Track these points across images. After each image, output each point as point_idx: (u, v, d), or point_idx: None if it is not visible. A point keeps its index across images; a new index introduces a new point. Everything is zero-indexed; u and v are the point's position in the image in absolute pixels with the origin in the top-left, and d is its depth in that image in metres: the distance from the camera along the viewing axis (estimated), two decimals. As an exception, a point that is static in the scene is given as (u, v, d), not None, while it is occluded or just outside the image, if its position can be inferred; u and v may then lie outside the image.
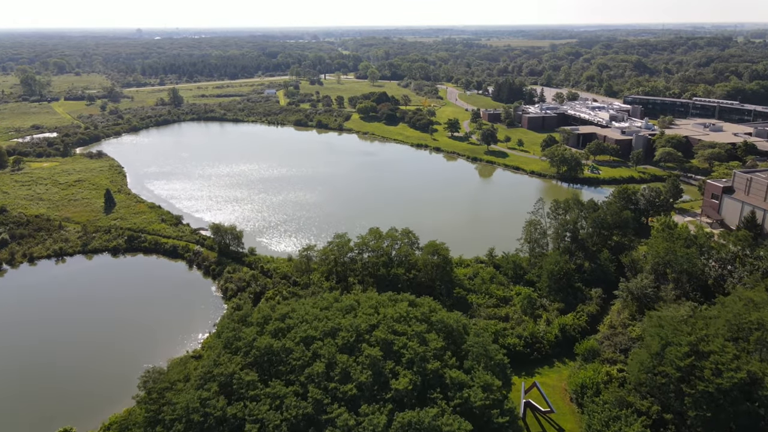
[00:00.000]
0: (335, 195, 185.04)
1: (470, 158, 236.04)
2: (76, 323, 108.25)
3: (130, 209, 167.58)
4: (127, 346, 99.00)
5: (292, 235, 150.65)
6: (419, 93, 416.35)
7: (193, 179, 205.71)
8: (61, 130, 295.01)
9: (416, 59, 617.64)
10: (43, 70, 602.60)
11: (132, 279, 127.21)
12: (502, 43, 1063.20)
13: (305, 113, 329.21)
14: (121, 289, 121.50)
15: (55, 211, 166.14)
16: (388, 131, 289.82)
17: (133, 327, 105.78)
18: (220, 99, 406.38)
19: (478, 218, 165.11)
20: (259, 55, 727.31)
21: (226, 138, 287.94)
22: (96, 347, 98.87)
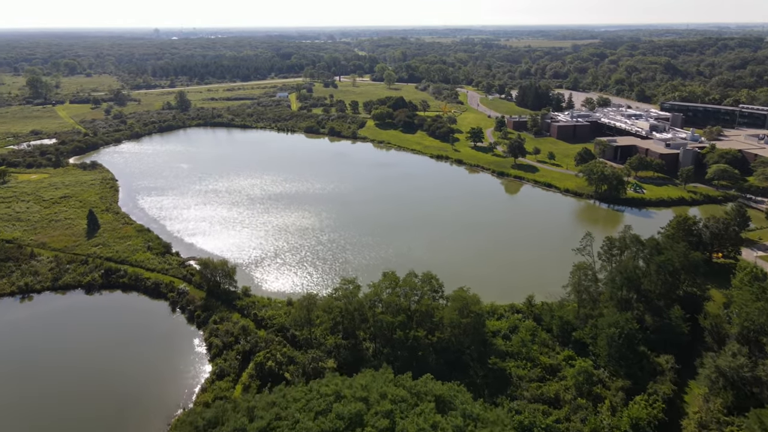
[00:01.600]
0: (344, 218, 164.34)
1: (496, 172, 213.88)
2: (20, 383, 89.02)
3: (115, 233, 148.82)
4: (74, 423, 79.45)
5: (293, 270, 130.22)
6: (438, 97, 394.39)
7: (189, 196, 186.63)
8: (60, 136, 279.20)
9: (434, 61, 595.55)
10: (54, 71, 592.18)
11: (103, 325, 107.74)
12: (522, 43, 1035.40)
13: (317, 119, 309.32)
14: (87, 339, 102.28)
15: (31, 234, 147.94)
16: (406, 140, 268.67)
17: (90, 395, 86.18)
18: (230, 102, 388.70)
19: (509, 248, 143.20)
20: (273, 56, 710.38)
21: (231, 147, 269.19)
22: (32, 419, 79.53)
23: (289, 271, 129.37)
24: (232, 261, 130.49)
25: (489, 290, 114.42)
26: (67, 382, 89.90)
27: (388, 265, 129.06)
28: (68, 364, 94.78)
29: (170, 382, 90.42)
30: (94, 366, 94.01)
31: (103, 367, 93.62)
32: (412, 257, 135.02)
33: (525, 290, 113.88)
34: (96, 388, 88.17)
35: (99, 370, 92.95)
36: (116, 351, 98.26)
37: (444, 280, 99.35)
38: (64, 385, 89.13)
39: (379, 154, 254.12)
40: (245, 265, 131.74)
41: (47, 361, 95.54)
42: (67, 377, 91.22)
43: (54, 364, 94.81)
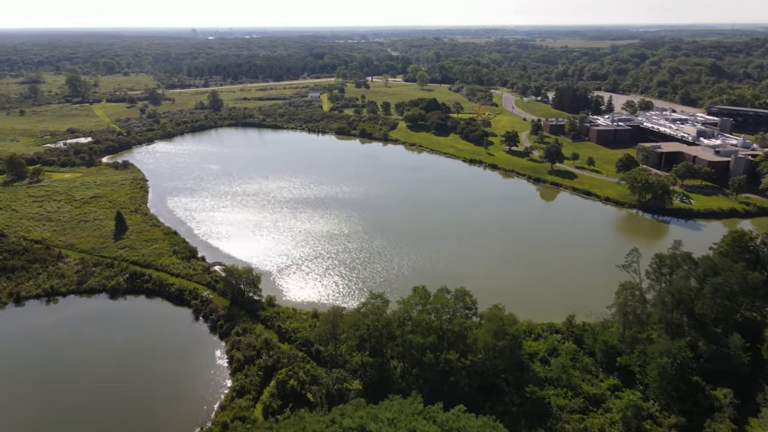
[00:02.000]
0: (373, 224, 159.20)
1: (531, 178, 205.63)
2: (37, 391, 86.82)
3: (142, 235, 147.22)
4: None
5: (319, 279, 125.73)
6: (472, 99, 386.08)
7: (217, 198, 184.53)
8: (95, 134, 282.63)
9: (468, 61, 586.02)
10: (94, 70, 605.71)
11: (125, 332, 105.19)
12: (558, 44, 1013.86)
13: (348, 120, 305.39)
14: (110, 347, 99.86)
15: (60, 234, 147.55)
16: (438, 143, 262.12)
17: (106, 407, 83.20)
18: (262, 102, 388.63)
19: (545, 260, 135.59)
20: (306, 56, 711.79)
21: (261, 148, 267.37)
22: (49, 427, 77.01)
23: (315, 280, 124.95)
24: (257, 268, 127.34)
25: (524, 306, 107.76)
26: (83, 392, 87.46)
27: (417, 275, 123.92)
28: (86, 373, 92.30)
29: (190, 396, 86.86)
30: (112, 376, 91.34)
31: (122, 378, 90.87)
32: (442, 268, 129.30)
33: (563, 307, 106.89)
34: (114, 401, 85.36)
35: (117, 380, 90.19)
36: (136, 360, 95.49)
37: (476, 294, 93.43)
38: (80, 395, 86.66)
39: (411, 157, 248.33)
40: (271, 273, 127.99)
41: (64, 369, 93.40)
42: (84, 386, 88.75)
43: (71, 372, 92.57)
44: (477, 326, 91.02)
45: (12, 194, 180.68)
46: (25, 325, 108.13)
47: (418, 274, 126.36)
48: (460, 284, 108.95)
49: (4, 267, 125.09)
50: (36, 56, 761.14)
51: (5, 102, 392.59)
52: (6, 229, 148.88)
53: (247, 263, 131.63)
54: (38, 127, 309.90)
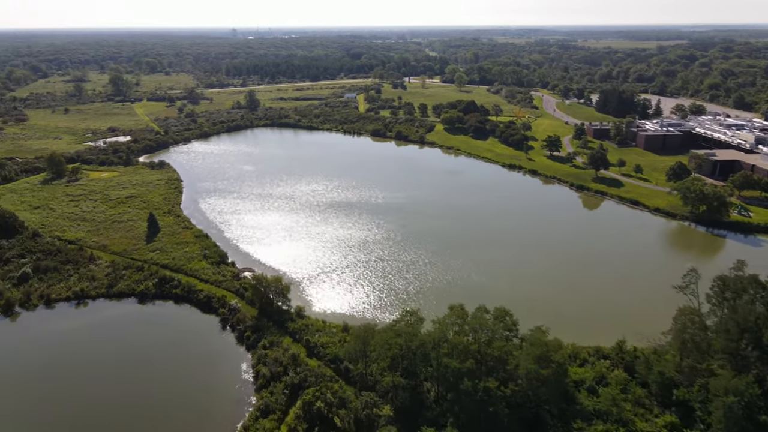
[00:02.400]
0: (406, 231, 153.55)
1: (574, 186, 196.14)
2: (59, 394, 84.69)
3: (173, 237, 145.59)
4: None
5: (350, 288, 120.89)
6: (511, 101, 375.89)
7: (249, 200, 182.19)
8: (134, 133, 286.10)
9: (508, 62, 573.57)
10: (136, 69, 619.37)
11: (151, 340, 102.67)
12: (600, 44, 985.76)
13: (384, 122, 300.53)
14: (135, 354, 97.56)
15: (94, 235, 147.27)
16: (476, 146, 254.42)
17: (129, 416, 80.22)
18: (298, 102, 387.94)
19: (590, 275, 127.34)
20: (343, 56, 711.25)
21: (295, 149, 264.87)
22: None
23: (345, 290, 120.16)
24: (287, 275, 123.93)
25: (567, 327, 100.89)
26: (104, 398, 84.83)
27: (452, 288, 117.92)
28: (109, 379, 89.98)
29: (212, 412, 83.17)
30: (136, 385, 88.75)
31: (146, 389, 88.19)
32: (477, 280, 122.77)
33: (610, 329, 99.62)
34: (136, 410, 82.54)
35: (141, 391, 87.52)
36: (161, 371, 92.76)
37: (515, 311, 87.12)
38: (101, 401, 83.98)
39: (447, 160, 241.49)
40: (300, 281, 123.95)
41: (86, 375, 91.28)
42: (106, 393, 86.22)
43: (93, 378, 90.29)
44: (518, 348, 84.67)
45: (51, 192, 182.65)
46: (53, 328, 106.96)
47: (452, 286, 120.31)
48: (496, 299, 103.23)
49: (38, 267, 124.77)
50: (83, 55, 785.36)
51: (51, 100, 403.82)
52: (42, 228, 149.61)
53: (277, 270, 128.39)
54: (81, 125, 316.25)
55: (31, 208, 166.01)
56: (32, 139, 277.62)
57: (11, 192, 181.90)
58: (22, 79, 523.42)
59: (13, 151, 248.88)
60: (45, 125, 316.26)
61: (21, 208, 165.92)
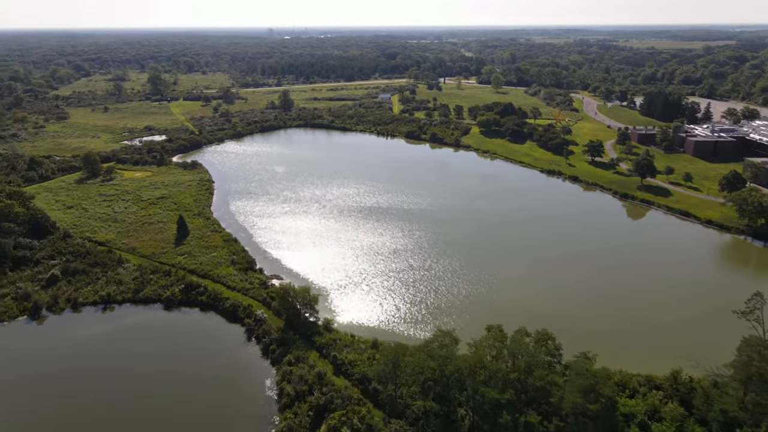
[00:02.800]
0: (440, 239, 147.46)
1: (618, 194, 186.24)
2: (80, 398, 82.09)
3: (202, 241, 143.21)
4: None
5: (380, 300, 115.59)
6: (550, 103, 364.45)
7: (280, 203, 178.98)
8: (169, 133, 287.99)
9: (546, 63, 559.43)
10: (175, 68, 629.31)
11: (176, 349, 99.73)
12: (643, 44, 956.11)
13: (419, 124, 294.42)
14: (159, 364, 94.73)
15: (124, 236, 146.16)
16: (513, 150, 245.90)
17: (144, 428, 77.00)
18: (332, 103, 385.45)
19: (636, 293, 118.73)
20: (378, 56, 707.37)
21: (328, 150, 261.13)
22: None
23: (375, 302, 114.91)
24: (315, 285, 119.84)
25: (614, 350, 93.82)
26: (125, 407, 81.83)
27: (486, 304, 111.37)
28: (132, 389, 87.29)
29: (234, 430, 79.13)
30: (158, 395, 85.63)
31: (167, 399, 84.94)
32: (514, 296, 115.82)
33: (662, 355, 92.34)
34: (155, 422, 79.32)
35: (162, 400, 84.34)
36: (185, 382, 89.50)
37: (555, 331, 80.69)
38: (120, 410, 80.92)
39: (483, 165, 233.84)
40: (329, 290, 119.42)
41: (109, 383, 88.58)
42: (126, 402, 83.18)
43: (115, 387, 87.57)
44: (562, 376, 78.00)
45: (85, 192, 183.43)
46: (79, 334, 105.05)
47: (487, 302, 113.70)
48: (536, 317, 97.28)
49: (67, 270, 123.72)
50: (124, 54, 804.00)
51: (92, 99, 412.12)
52: (74, 228, 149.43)
53: (305, 279, 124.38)
54: (119, 123, 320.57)
55: (64, 208, 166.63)
56: (71, 137, 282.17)
57: (47, 191, 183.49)
58: (66, 77, 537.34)
59: (52, 149, 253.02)
60: (84, 123, 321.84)
61: (55, 207, 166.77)
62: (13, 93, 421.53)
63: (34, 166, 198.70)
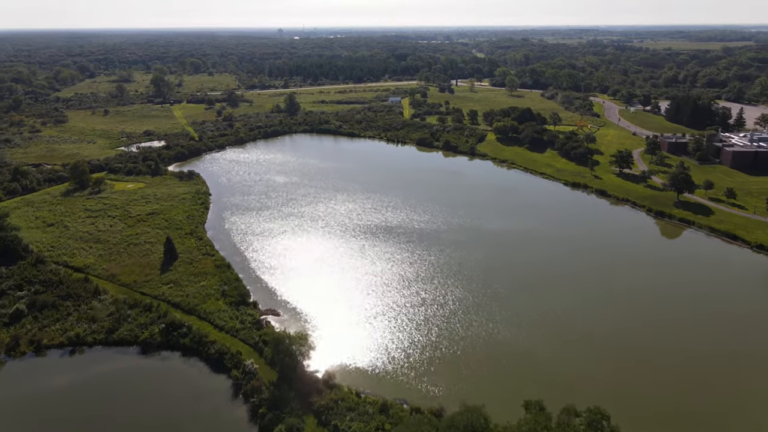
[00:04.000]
0: (453, 264, 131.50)
1: (652, 211, 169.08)
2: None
3: (192, 266, 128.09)
4: None
5: (388, 344, 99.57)
6: (568, 107, 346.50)
7: (279, 219, 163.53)
8: (169, 138, 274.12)
9: (562, 65, 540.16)
10: (181, 69, 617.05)
11: (149, 405, 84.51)
12: (659, 45, 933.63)
13: (431, 130, 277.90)
14: (125, 425, 79.37)
15: (105, 261, 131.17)
16: (533, 160, 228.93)
17: None
18: (340, 106, 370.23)
19: (690, 339, 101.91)
20: (388, 57, 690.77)
21: (334, 158, 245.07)
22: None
23: (383, 347, 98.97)
24: (314, 321, 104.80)
25: (674, 421, 76.78)
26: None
27: (514, 359, 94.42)
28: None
29: None
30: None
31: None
32: (547, 349, 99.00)
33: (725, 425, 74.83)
34: None
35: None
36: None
37: (607, 400, 65.74)
38: None
39: (500, 175, 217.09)
40: (330, 330, 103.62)
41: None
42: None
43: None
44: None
45: (69, 206, 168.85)
46: (39, 385, 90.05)
47: (514, 355, 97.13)
48: (579, 381, 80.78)
49: (34, 303, 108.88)
50: (131, 55, 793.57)
51: (93, 101, 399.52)
52: (50, 251, 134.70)
53: (304, 314, 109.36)
54: (117, 128, 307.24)
55: (44, 226, 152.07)
56: (66, 143, 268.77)
57: (29, 205, 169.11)
58: (69, 79, 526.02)
59: (44, 156, 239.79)
60: (82, 128, 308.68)
61: (34, 225, 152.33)
62: (13, 95, 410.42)
63: (18, 176, 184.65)
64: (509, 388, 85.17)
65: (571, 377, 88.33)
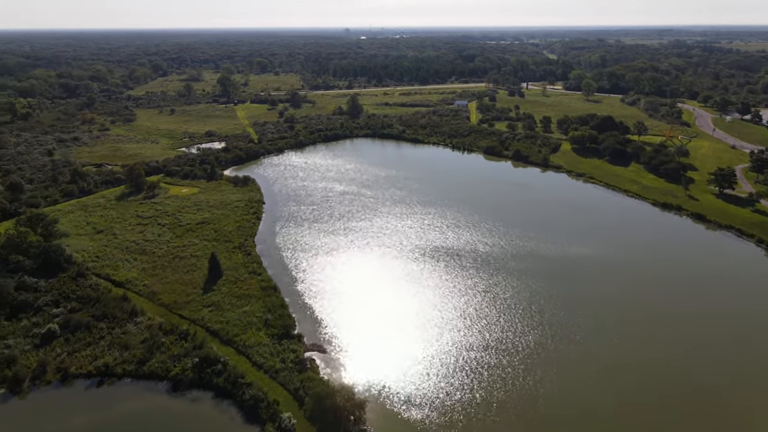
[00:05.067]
0: (529, 302, 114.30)
1: (762, 242, 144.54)
2: None
3: (236, 287, 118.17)
4: None
5: (447, 405, 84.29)
6: (653, 115, 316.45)
7: (334, 234, 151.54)
8: (229, 140, 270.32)
9: (644, 67, 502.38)
10: (248, 69, 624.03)
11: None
12: (752, 47, 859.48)
13: (500, 138, 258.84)
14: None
15: (148, 275, 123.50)
16: (614, 175, 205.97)
17: None
18: (404, 109, 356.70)
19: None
20: (455, 58, 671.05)
21: (396, 166, 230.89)
22: None
23: (438, 401, 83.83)
24: (363, 363, 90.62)
25: None
26: None
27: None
28: None
29: None
30: None
31: None
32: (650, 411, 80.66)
33: None
34: None
35: None
36: None
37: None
38: None
39: (577, 191, 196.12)
40: (382, 385, 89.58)
41: None
42: None
43: None
44: None
45: (122, 212, 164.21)
46: (57, 423, 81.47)
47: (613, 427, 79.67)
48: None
49: (68, 323, 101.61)
50: (203, 54, 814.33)
51: (161, 100, 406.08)
52: (95, 261, 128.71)
53: (351, 354, 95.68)
54: (181, 127, 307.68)
55: (93, 233, 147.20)
56: (131, 143, 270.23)
57: (82, 208, 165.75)
58: (142, 77, 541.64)
59: (107, 156, 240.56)
60: (148, 127, 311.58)
61: (83, 231, 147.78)
62: (89, 92, 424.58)
63: (76, 178, 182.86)
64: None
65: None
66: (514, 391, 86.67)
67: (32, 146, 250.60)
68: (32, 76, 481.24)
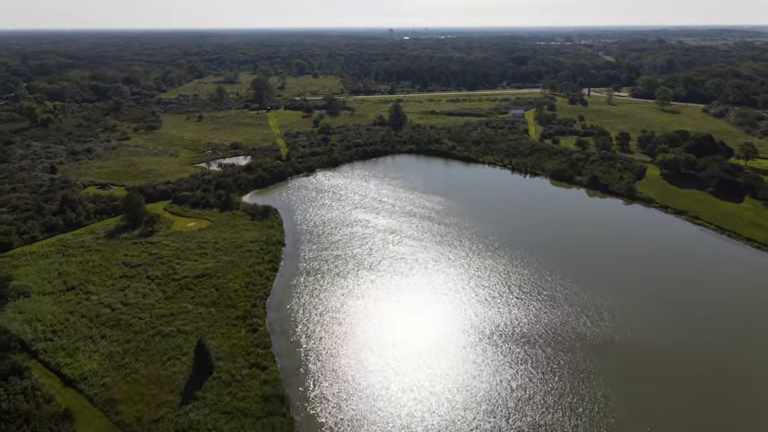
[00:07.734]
0: (598, 400, 75.35)
1: None
2: None
3: (229, 393, 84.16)
4: None
5: None
6: (751, 131, 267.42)
7: (365, 297, 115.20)
8: (256, 154, 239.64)
9: (722, 72, 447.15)
10: (286, 70, 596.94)
11: None
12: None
13: (570, 159, 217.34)
14: None
15: (112, 368, 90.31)
16: (723, 213, 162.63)
17: None
18: (453, 118, 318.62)
19: None
20: (506, 61, 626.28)
21: (443, 192, 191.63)
22: None
23: None
24: None
25: None
26: None
27: None
28: None
29: None
30: None
31: None
32: None
33: None
34: None
35: None
36: None
37: None
38: None
39: (672, 234, 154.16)
40: None
41: None
42: None
43: None
44: None
45: (107, 256, 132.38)
46: None
47: None
48: None
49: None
50: (242, 55, 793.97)
51: (191, 105, 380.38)
52: (48, 340, 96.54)
53: None
54: (206, 137, 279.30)
55: (62, 290, 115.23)
56: (149, 155, 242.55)
57: (60, 251, 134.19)
58: (176, 79, 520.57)
59: (117, 172, 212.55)
60: (172, 135, 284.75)
61: (50, 288, 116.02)
62: (118, 95, 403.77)
63: (65, 207, 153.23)
64: None
65: None
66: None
67: (38, 159, 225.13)
68: (65, 77, 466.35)
